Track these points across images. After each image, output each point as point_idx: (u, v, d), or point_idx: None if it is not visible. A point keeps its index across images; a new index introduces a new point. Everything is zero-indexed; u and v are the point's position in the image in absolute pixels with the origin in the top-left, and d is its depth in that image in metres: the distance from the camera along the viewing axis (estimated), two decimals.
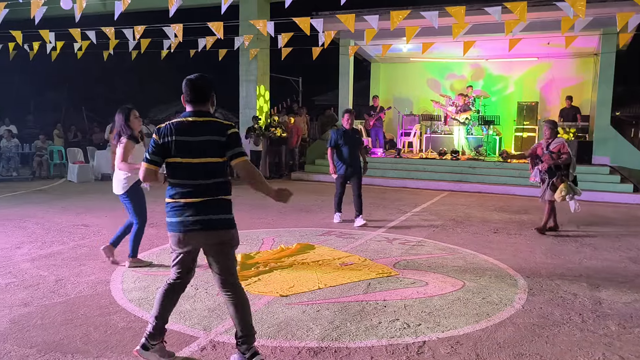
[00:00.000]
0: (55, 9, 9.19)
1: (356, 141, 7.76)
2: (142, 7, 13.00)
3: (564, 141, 7.18)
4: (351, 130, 7.71)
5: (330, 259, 5.66)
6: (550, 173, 7.12)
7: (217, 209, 3.19)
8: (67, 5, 7.37)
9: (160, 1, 13.45)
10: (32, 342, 3.55)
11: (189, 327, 3.84)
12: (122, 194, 5.26)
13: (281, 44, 10.22)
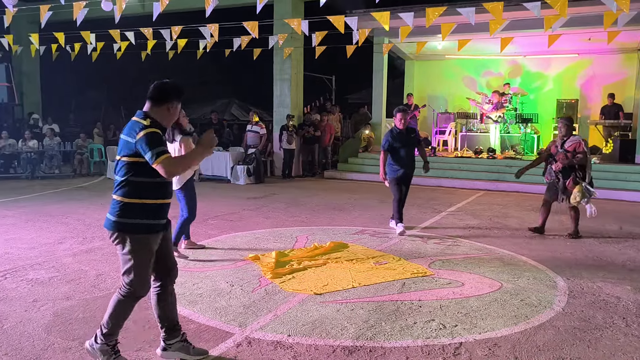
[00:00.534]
0: (95, 10, 9.43)
1: (412, 141, 7.21)
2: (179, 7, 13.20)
3: (580, 139, 6.73)
4: (406, 131, 7.06)
5: (364, 257, 5.64)
6: (565, 174, 6.69)
7: (111, 208, 3.14)
8: (107, 7, 7.56)
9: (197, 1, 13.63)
10: (74, 335, 3.65)
11: (225, 323, 3.88)
12: (177, 189, 5.60)
13: (315, 43, 10.22)
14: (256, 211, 8.65)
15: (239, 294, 4.53)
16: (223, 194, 10.63)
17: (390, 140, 7.01)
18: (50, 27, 10.94)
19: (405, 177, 7.08)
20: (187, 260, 5.59)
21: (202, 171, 12.87)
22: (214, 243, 6.38)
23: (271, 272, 5.07)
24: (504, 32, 10.31)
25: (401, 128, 7.01)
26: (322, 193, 10.84)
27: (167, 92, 3.13)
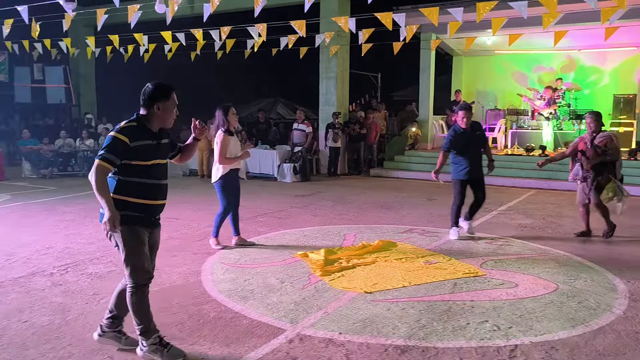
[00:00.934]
0: (148, 13, 9.71)
1: (479, 140, 6.57)
2: (228, 8, 13.39)
3: (611, 135, 6.35)
4: (470, 129, 6.42)
5: (413, 256, 5.58)
6: (596, 171, 6.35)
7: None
8: (160, 9, 7.77)
9: (246, 2, 13.83)
10: (132, 328, 3.77)
11: (276, 319, 3.93)
12: (215, 182, 5.89)
13: (362, 40, 10.18)
14: (303, 209, 8.71)
15: (290, 290, 4.57)
16: (270, 191, 10.75)
17: (452, 141, 6.40)
18: (105, 30, 11.34)
19: (473, 181, 6.48)
20: (240, 256, 5.69)
21: (249, 169, 13.05)
22: (264, 240, 6.46)
23: (320, 269, 5.10)
24: (558, 25, 9.99)
25: (465, 127, 6.37)
26: (369, 191, 10.80)
27: (151, 94, 3.24)
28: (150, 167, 3.24)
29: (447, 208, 8.64)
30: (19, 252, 5.84)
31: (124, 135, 3.13)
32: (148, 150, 3.21)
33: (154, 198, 3.29)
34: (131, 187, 3.19)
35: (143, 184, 3.22)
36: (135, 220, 3.21)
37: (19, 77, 17.22)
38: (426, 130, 14.68)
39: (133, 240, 3.21)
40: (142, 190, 3.22)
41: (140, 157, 3.18)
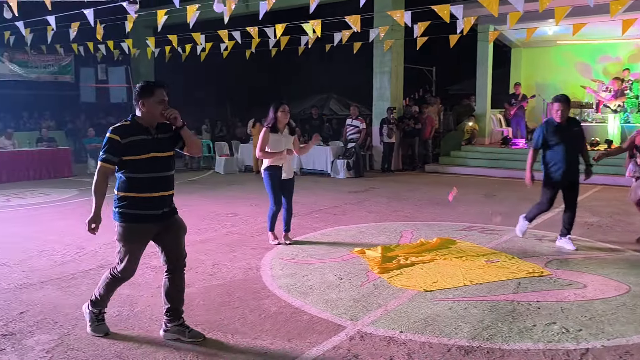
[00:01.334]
0: (205, 12, 9.92)
1: (576, 138, 5.80)
2: (282, 5, 13.49)
3: None
4: (566, 123, 5.71)
5: (474, 255, 5.45)
6: None
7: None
8: (219, 8, 7.91)
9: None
10: (197, 321, 3.87)
11: (336, 316, 3.93)
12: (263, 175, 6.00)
13: (417, 34, 10.01)
14: (358, 205, 8.68)
15: (348, 287, 4.57)
16: (324, 187, 10.78)
17: (544, 136, 5.69)
18: (164, 31, 11.68)
19: (567, 185, 5.72)
20: (297, 251, 5.73)
21: (303, 165, 13.15)
22: (320, 236, 6.48)
23: (378, 266, 5.06)
24: (627, 13, 9.46)
25: (560, 121, 5.65)
26: (424, 187, 10.64)
27: (137, 93, 3.43)
28: (144, 160, 3.38)
29: (507, 205, 8.45)
30: (88, 245, 6.10)
31: (115, 134, 3.36)
32: (141, 145, 3.37)
33: (151, 190, 3.43)
34: (129, 183, 3.41)
35: (138, 178, 3.40)
36: (137, 218, 3.42)
37: (84, 77, 18.04)
38: (483, 125, 14.31)
39: (129, 239, 3.46)
40: (137, 184, 3.41)
41: (132, 153, 3.36)
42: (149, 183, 3.42)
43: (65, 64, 17.61)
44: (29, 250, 5.91)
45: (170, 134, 3.55)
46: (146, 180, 3.41)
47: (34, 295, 4.45)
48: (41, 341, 3.54)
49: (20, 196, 9.97)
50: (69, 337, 3.60)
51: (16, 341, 3.54)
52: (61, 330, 3.72)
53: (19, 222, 7.51)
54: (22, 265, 5.31)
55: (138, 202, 3.40)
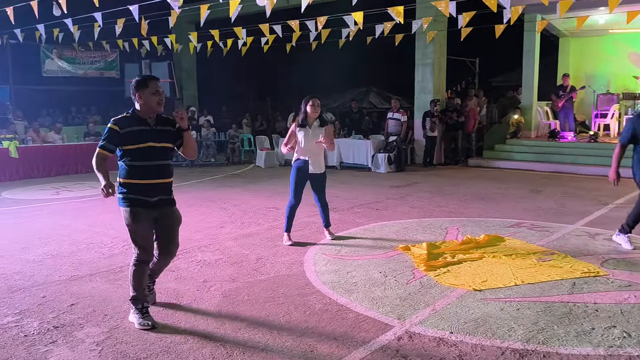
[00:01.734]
0: (247, 7, 9.93)
1: None
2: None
3: None
4: None
5: (524, 253, 5.25)
6: None
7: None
8: (262, 2, 7.89)
9: None
10: (242, 316, 3.86)
11: (383, 314, 3.84)
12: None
13: (462, 24, 9.74)
14: (400, 200, 8.54)
15: (394, 284, 4.47)
16: (365, 182, 10.67)
17: (634, 130, 5.22)
18: (205, 26, 11.77)
19: None
20: (340, 247, 5.66)
21: (343, 159, 13.05)
22: (362, 232, 6.40)
23: (424, 264, 4.94)
24: None
25: None
26: (468, 182, 10.38)
27: (133, 87, 3.68)
28: (140, 149, 3.64)
29: (555, 200, 8.15)
30: None
31: (115, 124, 3.67)
32: (138, 135, 3.64)
33: (144, 178, 3.68)
34: (127, 170, 3.69)
35: (134, 166, 3.67)
36: (134, 202, 3.69)
37: (129, 73, 18.39)
38: (529, 118, 13.86)
39: (132, 220, 3.72)
40: (133, 171, 3.68)
41: (130, 142, 3.64)
42: (146, 171, 3.68)
43: (111, 60, 18.04)
44: (78, 242, 6.05)
45: (171, 128, 3.82)
46: (143, 168, 3.68)
47: (83, 287, 4.53)
48: (91, 334, 3.60)
49: (69, 189, 10.26)
50: (118, 330, 3.64)
51: (67, 333, 3.60)
52: (110, 323, 3.76)
53: (68, 214, 7.72)
54: (71, 258, 5.44)
55: (136, 188, 3.67)
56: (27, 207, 8.35)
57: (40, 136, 12.96)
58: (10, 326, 3.74)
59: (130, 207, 3.68)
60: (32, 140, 12.43)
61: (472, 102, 13.86)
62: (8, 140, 11.66)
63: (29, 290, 4.47)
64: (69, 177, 12.18)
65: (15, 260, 5.36)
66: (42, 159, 12.12)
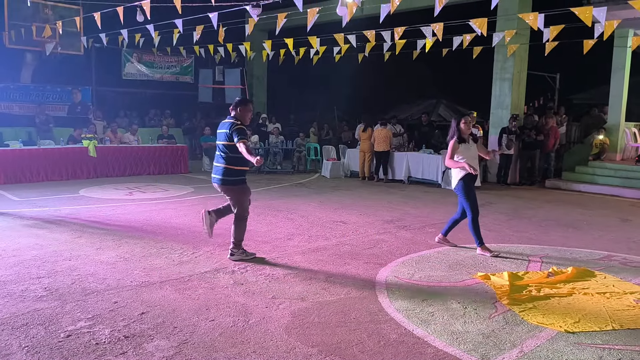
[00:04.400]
0: (323, 16, 9.86)
1: None
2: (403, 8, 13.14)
3: None
4: None
5: (619, 292, 4.76)
6: None
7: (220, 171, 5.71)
8: (342, 11, 7.76)
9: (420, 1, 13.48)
10: (313, 341, 3.67)
11: (465, 352, 3.54)
12: (454, 187, 6.21)
13: (549, 38, 9.20)
14: None
15: (474, 318, 4.14)
16: (437, 199, 10.27)
17: None
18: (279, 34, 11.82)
19: None
20: (414, 271, 5.38)
21: (411, 173, 12.70)
22: (437, 254, 6.07)
23: (507, 297, 4.58)
24: None
25: None
26: (547, 205, 9.77)
27: (236, 103, 5.64)
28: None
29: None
30: (204, 245, 6.18)
31: (245, 126, 5.53)
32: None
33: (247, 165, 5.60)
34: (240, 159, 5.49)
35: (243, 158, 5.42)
36: (244, 180, 5.64)
37: (203, 78, 18.88)
38: (615, 139, 12.96)
39: (247, 192, 5.71)
40: (243, 161, 5.48)
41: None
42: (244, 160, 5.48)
43: (187, 65, 18.55)
44: (149, 247, 6.09)
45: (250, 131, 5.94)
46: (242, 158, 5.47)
47: (153, 295, 4.50)
48: (160, 347, 3.52)
49: (142, 190, 10.52)
50: (187, 346, 3.54)
51: (137, 345, 3.54)
52: (179, 337, 3.68)
53: (140, 216, 7.85)
54: (142, 262, 5.46)
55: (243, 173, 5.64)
56: (102, 206, 8.59)
57: (117, 137, 13.44)
58: (83, 332, 3.73)
59: (245, 183, 5.64)
60: (109, 141, 12.90)
61: (552, 120, 13.12)
62: (88, 140, 12.15)
63: (102, 294, 4.48)
64: (142, 177, 12.53)
65: (89, 261, 5.44)
66: (117, 159, 12.54)
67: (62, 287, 4.65)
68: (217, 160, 5.57)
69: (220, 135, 5.52)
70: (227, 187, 5.53)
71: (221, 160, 5.50)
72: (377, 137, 12.73)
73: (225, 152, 5.45)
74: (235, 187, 5.52)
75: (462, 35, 10.63)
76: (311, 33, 11.02)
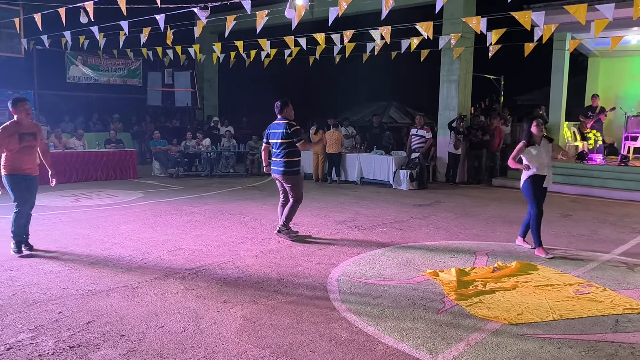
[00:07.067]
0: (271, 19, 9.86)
1: None
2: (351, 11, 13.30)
3: None
4: None
5: (560, 284, 4.99)
6: None
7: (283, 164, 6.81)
8: (290, 14, 7.79)
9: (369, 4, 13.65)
10: (264, 344, 3.67)
11: (414, 347, 3.62)
12: (521, 186, 6.33)
13: (492, 41, 9.53)
14: (424, 220, 8.30)
15: (424, 314, 4.24)
16: (388, 199, 10.44)
17: None
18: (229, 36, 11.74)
19: None
20: (365, 270, 5.45)
21: (363, 174, 12.85)
22: (388, 253, 6.17)
23: (454, 292, 4.71)
24: None
25: None
26: (494, 203, 10.10)
27: (281, 105, 6.76)
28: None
29: (586, 226, 7.85)
30: (153, 251, 6.07)
31: (297, 125, 6.67)
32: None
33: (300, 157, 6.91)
34: (297, 152, 6.69)
35: (298, 151, 6.70)
36: (299, 171, 6.82)
37: (151, 81, 18.49)
38: (557, 138, 13.52)
39: (301, 180, 6.87)
40: (298, 153, 6.76)
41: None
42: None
43: (134, 68, 18.13)
44: (95, 254, 5.92)
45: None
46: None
47: (100, 303, 4.38)
48: (107, 356, 3.43)
49: (89, 196, 10.20)
50: (135, 354, 3.47)
51: (83, 355, 3.44)
52: (127, 345, 3.60)
53: (87, 224, 7.61)
54: (89, 270, 5.31)
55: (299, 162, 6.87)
56: (46, 214, 8.28)
57: (62, 142, 12.99)
58: (24, 344, 3.59)
59: (300, 174, 6.85)
60: (54, 146, 12.45)
61: (497, 121, 13.57)
62: None
63: (46, 305, 4.33)
64: (89, 184, 12.15)
65: (32, 271, 5.24)
66: (63, 165, 12.09)
67: (2, 298, 4.46)
68: (276, 155, 6.70)
69: (276, 134, 6.62)
70: (288, 176, 6.65)
71: (281, 156, 6.62)
72: (328, 139, 12.82)
73: (285, 148, 6.59)
74: (294, 176, 6.69)
75: (409, 39, 10.85)
76: (261, 35, 11.00)
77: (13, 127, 5.76)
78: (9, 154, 5.75)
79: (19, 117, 5.82)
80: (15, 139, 5.73)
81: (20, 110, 5.80)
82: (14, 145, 5.72)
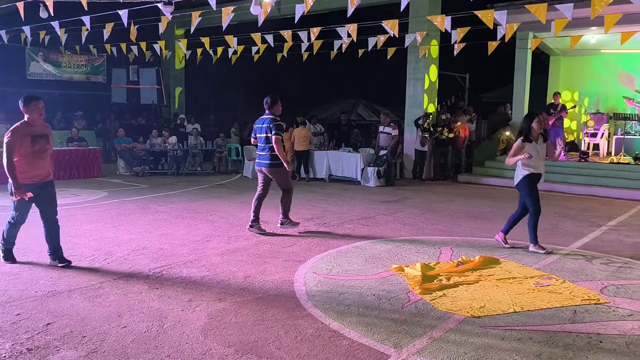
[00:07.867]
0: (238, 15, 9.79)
1: None
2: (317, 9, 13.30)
3: None
4: None
5: (521, 277, 5.10)
6: None
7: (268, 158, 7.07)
8: (256, 11, 7.74)
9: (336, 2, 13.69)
10: (229, 341, 3.64)
11: (378, 342, 3.65)
12: (516, 184, 6.24)
13: (457, 40, 9.68)
14: (391, 216, 8.38)
15: (389, 308, 4.28)
16: (355, 196, 10.50)
17: None
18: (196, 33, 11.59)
19: None
20: (331, 266, 5.47)
21: (332, 171, 12.89)
22: (354, 249, 6.21)
23: (419, 286, 4.77)
24: None
25: None
26: (459, 199, 10.27)
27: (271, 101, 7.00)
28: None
29: (549, 221, 8.04)
30: (117, 250, 5.95)
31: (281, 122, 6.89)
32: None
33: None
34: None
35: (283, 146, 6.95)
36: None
37: (116, 78, 18.12)
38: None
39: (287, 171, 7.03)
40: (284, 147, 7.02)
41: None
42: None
43: (98, 65, 17.74)
44: None
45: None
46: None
47: (61, 304, 4.27)
48: (67, 358, 3.35)
49: None
50: (96, 355, 3.40)
51: (42, 357, 3.36)
52: (88, 347, 3.52)
53: None
54: (49, 271, 5.17)
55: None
56: (2, 214, 8.01)
57: None
58: None
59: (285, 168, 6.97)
60: None
61: (462, 118, 13.80)
62: None
63: (3, 307, 4.20)
64: None
65: None
66: None
67: None
68: (261, 150, 6.91)
69: (262, 129, 6.86)
70: (275, 169, 6.88)
71: (267, 149, 6.83)
72: (296, 136, 12.81)
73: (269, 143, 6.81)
74: (281, 168, 6.88)
75: (376, 37, 10.92)
76: (228, 32, 10.90)
77: (24, 129, 5.12)
78: (19, 159, 5.07)
79: (30, 117, 5.17)
80: (28, 141, 5.08)
81: (33, 109, 5.16)
82: (25, 148, 5.07)
